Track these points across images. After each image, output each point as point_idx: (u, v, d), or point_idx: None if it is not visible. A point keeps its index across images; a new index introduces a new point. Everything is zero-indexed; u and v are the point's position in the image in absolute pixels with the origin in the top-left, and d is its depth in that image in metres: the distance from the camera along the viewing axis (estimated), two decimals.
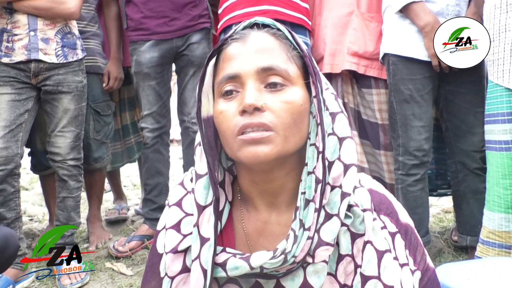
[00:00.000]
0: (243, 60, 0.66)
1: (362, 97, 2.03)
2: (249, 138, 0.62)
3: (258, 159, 0.62)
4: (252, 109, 0.62)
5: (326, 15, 2.02)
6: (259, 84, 0.65)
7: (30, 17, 1.86)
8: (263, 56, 0.65)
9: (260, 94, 0.64)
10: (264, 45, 0.67)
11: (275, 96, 0.64)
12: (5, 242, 1.32)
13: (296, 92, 0.65)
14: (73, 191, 2.02)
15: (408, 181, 1.81)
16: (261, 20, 0.71)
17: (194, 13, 2.17)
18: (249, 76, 0.65)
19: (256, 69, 0.65)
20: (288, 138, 0.64)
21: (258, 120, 0.62)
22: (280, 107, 0.63)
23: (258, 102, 0.62)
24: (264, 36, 0.68)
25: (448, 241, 2.20)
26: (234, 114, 0.64)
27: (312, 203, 0.64)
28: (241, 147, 0.63)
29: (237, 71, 0.65)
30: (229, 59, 0.67)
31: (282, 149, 0.63)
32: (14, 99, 1.86)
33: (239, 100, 0.65)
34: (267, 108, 0.63)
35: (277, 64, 0.65)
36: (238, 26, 0.71)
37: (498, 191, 1.43)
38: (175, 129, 3.42)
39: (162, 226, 0.74)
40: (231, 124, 0.64)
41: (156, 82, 2.20)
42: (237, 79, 0.65)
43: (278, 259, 0.62)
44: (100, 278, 1.93)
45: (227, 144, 0.67)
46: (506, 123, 1.41)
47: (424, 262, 0.72)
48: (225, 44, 0.70)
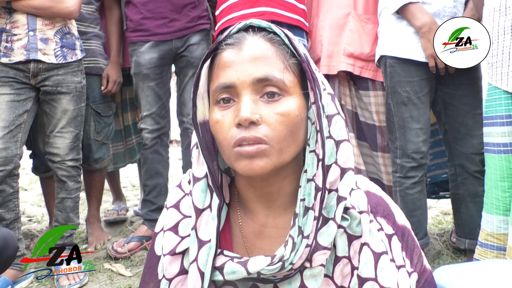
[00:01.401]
0: (238, 69, 0.64)
1: (360, 99, 2.03)
2: (244, 152, 0.62)
3: (254, 173, 0.62)
4: (248, 123, 0.62)
5: (323, 17, 2.02)
6: (254, 95, 0.64)
7: (29, 17, 1.86)
8: (258, 66, 0.63)
9: (255, 106, 0.63)
10: (259, 53, 0.64)
11: (271, 108, 0.63)
12: (4, 243, 1.32)
13: (292, 103, 0.64)
14: (72, 191, 2.02)
15: (406, 183, 1.81)
16: (257, 23, 0.68)
17: (193, 14, 2.18)
18: (244, 87, 0.63)
19: (252, 80, 0.63)
20: (283, 150, 0.63)
21: (253, 134, 0.61)
22: (276, 119, 0.62)
23: (254, 115, 0.61)
24: (259, 43, 0.65)
25: (446, 243, 2.20)
26: (230, 125, 0.63)
27: (312, 211, 0.63)
28: (237, 159, 0.63)
29: (232, 81, 0.64)
30: (224, 67, 0.65)
31: (277, 161, 0.63)
32: (13, 100, 1.86)
33: (235, 111, 0.64)
34: (263, 121, 0.62)
35: (273, 75, 0.63)
36: (232, 29, 0.69)
37: (496, 194, 1.43)
38: (175, 130, 3.42)
39: (160, 228, 0.74)
40: (227, 136, 0.63)
41: (155, 83, 2.20)
42: (233, 89, 0.64)
43: (275, 265, 0.62)
44: (98, 279, 1.93)
45: (224, 154, 0.66)
46: (504, 126, 1.41)
47: (421, 264, 0.72)
48: (219, 48, 0.68)
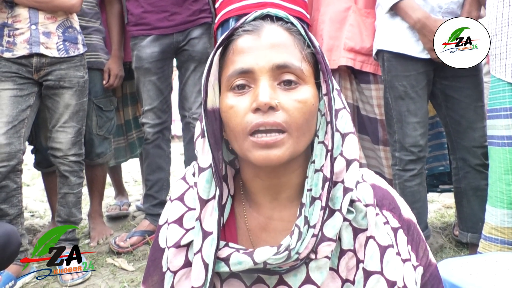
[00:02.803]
0: (257, 55, 0.63)
1: (361, 92, 2.02)
2: (262, 142, 0.61)
3: (270, 162, 0.62)
4: (267, 108, 0.61)
5: (324, 11, 2.01)
6: (272, 82, 0.63)
7: (31, 11, 1.86)
8: (278, 52, 0.63)
9: (274, 92, 0.62)
10: (279, 40, 0.64)
11: (288, 95, 0.63)
12: (7, 239, 1.32)
13: (309, 91, 0.64)
14: (74, 187, 2.01)
15: (405, 176, 1.82)
16: (275, 12, 0.68)
17: (194, 8, 2.16)
18: (263, 73, 0.63)
19: (271, 66, 0.62)
20: (300, 139, 0.63)
21: (272, 119, 0.61)
22: (294, 106, 0.62)
23: (273, 100, 0.61)
24: (278, 31, 0.65)
25: (449, 237, 2.20)
26: (246, 111, 0.62)
27: (318, 201, 0.63)
28: (253, 149, 0.62)
29: (251, 66, 0.63)
30: (241, 52, 0.64)
31: (294, 151, 0.63)
32: (16, 95, 1.85)
33: (252, 96, 0.63)
34: (281, 107, 0.62)
35: (292, 62, 0.63)
36: (249, 16, 0.69)
37: (500, 187, 1.43)
38: (177, 125, 3.41)
39: (164, 221, 0.74)
40: (243, 121, 0.62)
41: (157, 77, 2.19)
42: (250, 74, 0.63)
43: (282, 255, 0.62)
44: (101, 274, 1.93)
45: (235, 141, 0.65)
46: (508, 118, 1.40)
47: (426, 258, 0.71)
48: (235, 34, 0.67)
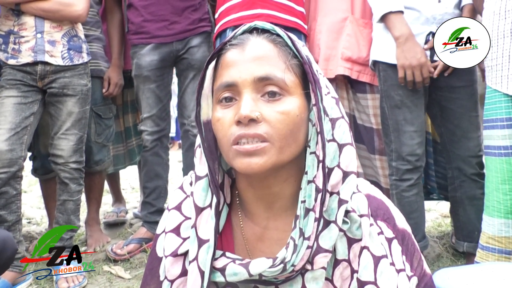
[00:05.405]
0: (240, 68, 0.65)
1: (357, 101, 2.03)
2: (243, 150, 0.62)
3: (252, 170, 0.63)
4: (247, 120, 0.62)
5: (321, 21, 2.02)
6: (255, 94, 0.64)
7: (37, 19, 1.87)
8: (260, 65, 0.65)
9: (256, 104, 0.63)
10: (262, 53, 0.66)
11: (272, 106, 0.64)
12: (3, 245, 1.32)
13: (293, 103, 0.65)
14: (74, 194, 2.01)
15: (402, 186, 1.81)
16: (261, 25, 0.69)
17: (194, 17, 2.18)
18: (245, 86, 0.64)
19: (253, 79, 0.64)
20: (284, 149, 0.64)
21: (253, 131, 0.62)
22: (276, 118, 0.63)
23: (253, 113, 0.62)
24: (262, 43, 0.67)
25: (446, 246, 2.20)
26: (231, 123, 0.64)
27: (312, 212, 0.64)
28: (236, 157, 0.64)
29: (235, 80, 0.65)
30: (227, 66, 0.67)
31: (276, 160, 0.63)
32: (20, 102, 1.86)
33: (235, 109, 0.65)
34: (263, 119, 0.63)
35: (274, 74, 0.64)
36: (238, 30, 0.71)
37: (497, 197, 1.43)
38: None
39: (162, 230, 0.74)
40: (227, 133, 0.64)
41: (156, 85, 2.20)
42: (234, 87, 0.65)
43: (277, 267, 0.62)
44: (98, 281, 1.92)
45: (223, 151, 0.67)
46: (505, 129, 1.41)
47: (421, 268, 0.72)
48: (224, 49, 0.69)
